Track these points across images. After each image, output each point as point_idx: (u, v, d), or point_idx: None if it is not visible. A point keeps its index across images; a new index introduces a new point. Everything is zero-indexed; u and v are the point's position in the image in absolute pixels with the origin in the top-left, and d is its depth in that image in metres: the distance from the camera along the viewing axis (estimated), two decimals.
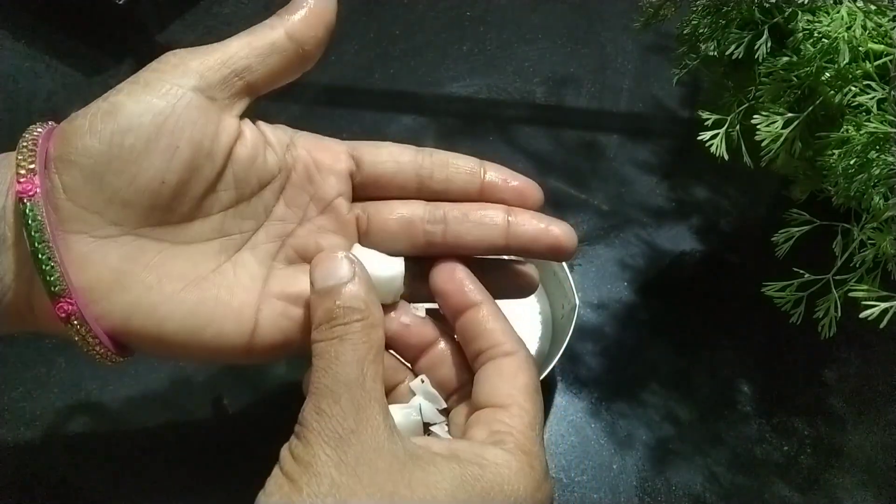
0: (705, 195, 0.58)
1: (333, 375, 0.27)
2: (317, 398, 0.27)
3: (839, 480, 0.46)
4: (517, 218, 0.34)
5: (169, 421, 0.45)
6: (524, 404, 0.29)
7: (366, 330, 0.28)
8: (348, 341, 0.28)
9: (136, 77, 0.30)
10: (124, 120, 0.28)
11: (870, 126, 0.36)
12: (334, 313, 0.28)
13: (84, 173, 0.27)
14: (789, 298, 0.40)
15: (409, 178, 0.34)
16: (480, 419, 0.29)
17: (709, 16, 0.45)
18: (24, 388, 0.45)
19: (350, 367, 0.27)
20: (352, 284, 0.29)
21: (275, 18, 0.31)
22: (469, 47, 0.65)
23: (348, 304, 0.28)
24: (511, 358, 0.31)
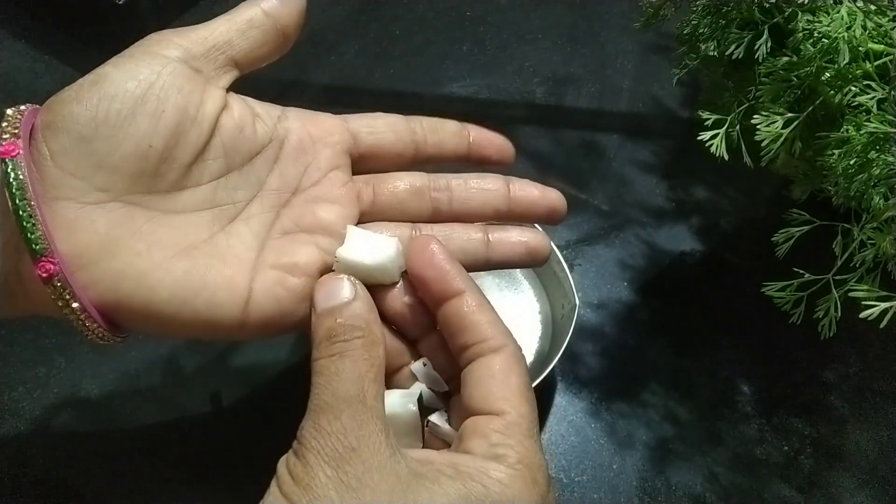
0: (705, 195, 0.58)
1: (333, 392, 0.27)
2: (316, 415, 0.27)
3: (839, 480, 0.46)
4: (516, 185, 0.36)
5: (169, 421, 0.45)
6: (520, 408, 0.28)
7: (366, 347, 0.28)
8: (348, 357, 0.28)
9: (123, 53, 0.30)
10: (111, 87, 0.28)
11: (870, 126, 0.36)
12: (335, 331, 0.28)
13: (71, 139, 0.27)
14: (789, 298, 0.40)
15: (407, 146, 0.35)
16: (477, 429, 0.28)
17: (709, 16, 0.45)
18: (24, 388, 0.45)
19: (350, 384, 0.27)
20: (353, 303, 0.29)
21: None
22: (469, 47, 0.65)
23: (349, 321, 0.28)
24: (500, 355, 0.29)
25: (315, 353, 0.28)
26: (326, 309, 0.29)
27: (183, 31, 0.31)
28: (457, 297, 0.30)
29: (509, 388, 0.29)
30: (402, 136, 0.35)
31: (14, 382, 0.45)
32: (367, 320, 0.29)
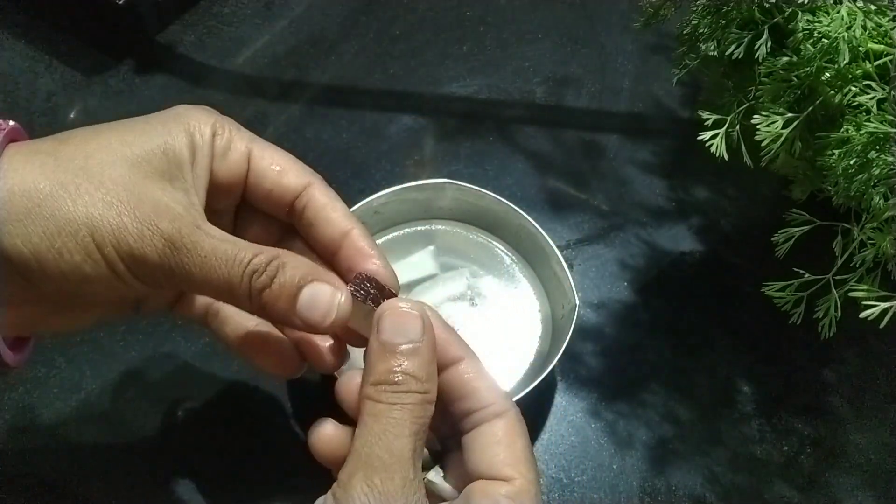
0: (705, 195, 0.58)
1: (387, 447, 0.27)
2: (369, 469, 0.26)
3: (839, 480, 0.46)
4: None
5: (169, 421, 0.45)
6: (527, 474, 0.29)
7: (423, 405, 0.28)
8: (407, 411, 0.28)
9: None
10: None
11: (870, 126, 0.36)
12: (397, 378, 0.28)
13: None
14: (789, 298, 0.40)
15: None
16: (487, 493, 0.28)
17: (709, 16, 0.45)
18: (24, 388, 0.45)
19: (404, 442, 0.27)
20: (420, 349, 0.29)
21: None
22: (469, 47, 0.65)
23: (413, 372, 0.28)
24: (504, 420, 0.30)
25: (371, 390, 0.28)
26: (392, 344, 0.29)
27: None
28: (455, 364, 0.31)
29: (515, 454, 0.29)
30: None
31: (14, 382, 0.45)
32: (429, 373, 0.29)
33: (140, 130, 0.30)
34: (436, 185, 0.49)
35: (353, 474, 0.27)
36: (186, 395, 0.46)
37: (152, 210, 0.28)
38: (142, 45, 0.61)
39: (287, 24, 0.64)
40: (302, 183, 0.33)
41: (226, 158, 0.32)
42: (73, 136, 0.29)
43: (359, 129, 0.59)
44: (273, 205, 0.33)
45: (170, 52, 0.61)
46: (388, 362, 0.28)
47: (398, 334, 0.29)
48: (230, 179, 0.32)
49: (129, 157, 0.29)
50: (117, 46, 0.61)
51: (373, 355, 0.29)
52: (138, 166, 0.29)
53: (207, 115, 0.32)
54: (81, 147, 0.29)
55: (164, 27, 0.63)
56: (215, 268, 0.28)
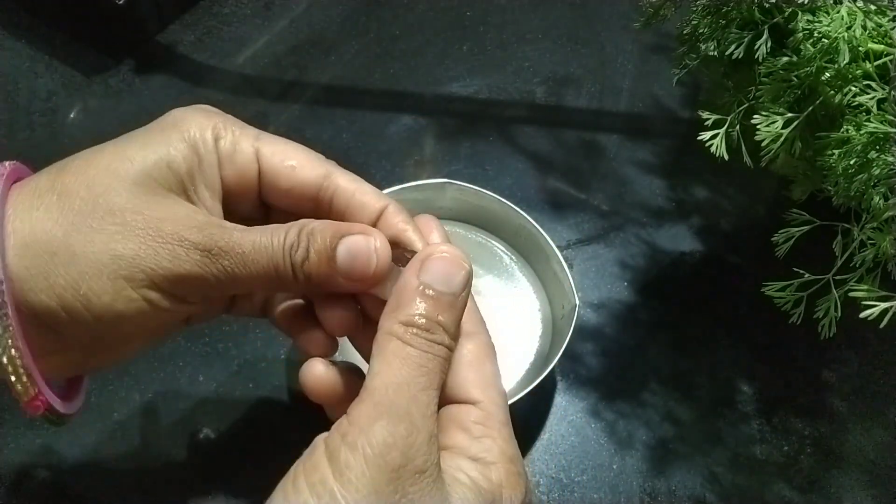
0: (705, 195, 0.58)
1: (414, 398, 0.26)
2: (395, 418, 0.25)
3: (839, 480, 0.46)
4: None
5: (169, 421, 0.45)
6: (496, 398, 0.28)
7: (447, 361, 0.27)
8: (437, 364, 0.27)
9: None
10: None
11: (870, 126, 0.36)
12: (431, 326, 0.27)
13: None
14: (789, 298, 0.40)
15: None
16: (458, 420, 0.28)
17: (709, 16, 0.45)
18: None
19: (430, 395, 0.26)
20: (458, 301, 0.28)
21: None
22: (469, 47, 0.65)
23: (447, 325, 0.27)
24: (474, 342, 0.29)
25: (399, 326, 0.27)
26: (434, 290, 0.27)
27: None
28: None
29: (484, 376, 0.29)
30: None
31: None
32: (457, 332, 0.28)
33: (139, 144, 0.28)
34: (436, 185, 0.49)
35: (374, 419, 0.25)
36: (186, 396, 0.46)
37: (176, 226, 0.27)
38: (142, 45, 0.61)
39: (287, 24, 0.64)
40: (320, 174, 0.31)
41: (233, 162, 0.30)
42: (71, 163, 0.28)
43: (359, 129, 0.59)
44: (294, 202, 0.31)
45: (170, 52, 0.61)
46: (425, 306, 0.27)
47: (442, 282, 0.27)
48: (242, 182, 0.31)
49: (132, 176, 0.27)
50: (117, 46, 0.61)
51: (407, 293, 0.27)
52: (144, 185, 0.27)
53: (206, 117, 0.30)
54: (81, 176, 0.27)
55: (164, 27, 0.63)
56: (257, 260, 0.28)
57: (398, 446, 0.24)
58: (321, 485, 0.24)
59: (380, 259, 0.29)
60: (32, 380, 0.26)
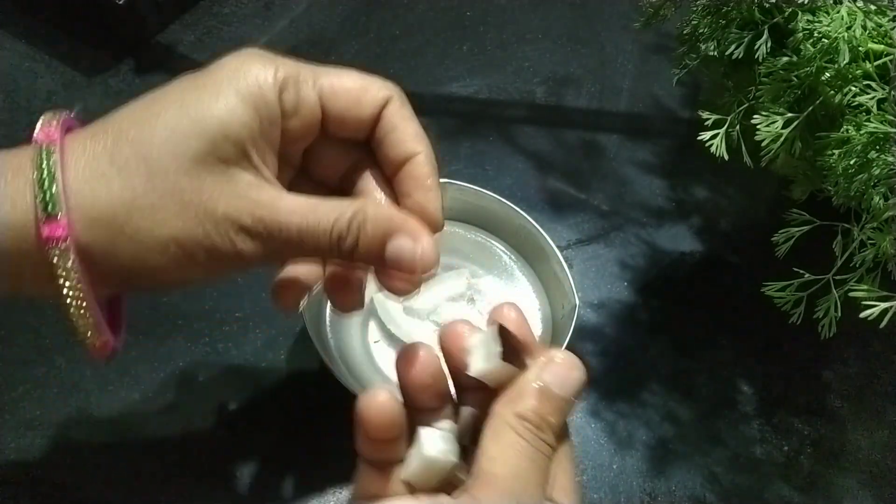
0: (705, 195, 0.58)
1: (532, 494, 0.27)
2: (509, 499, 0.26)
3: (839, 480, 0.46)
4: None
5: (169, 421, 0.45)
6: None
7: (550, 461, 0.28)
8: (543, 459, 0.28)
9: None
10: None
11: (870, 126, 0.36)
12: (543, 424, 0.28)
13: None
14: (789, 298, 0.40)
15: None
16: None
17: (709, 16, 0.45)
18: (24, 388, 0.45)
19: (539, 491, 0.27)
20: (567, 409, 0.29)
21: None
22: (469, 47, 0.65)
23: (555, 427, 0.28)
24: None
25: (514, 418, 0.28)
26: (551, 392, 0.28)
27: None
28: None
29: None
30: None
31: (14, 382, 0.45)
32: (561, 437, 0.29)
33: (197, 114, 0.28)
34: None
35: (498, 501, 0.26)
36: (187, 396, 0.46)
37: (229, 207, 0.28)
38: (142, 45, 0.61)
39: (287, 24, 0.64)
40: (378, 104, 0.31)
41: (297, 113, 0.30)
42: (128, 131, 0.28)
43: None
44: (350, 133, 0.32)
45: (170, 52, 0.61)
46: (540, 404, 0.28)
47: (560, 385, 0.29)
48: (304, 130, 0.31)
49: (191, 154, 0.27)
50: (117, 46, 0.61)
51: (527, 388, 0.28)
52: (203, 162, 0.27)
53: (263, 66, 0.29)
54: (140, 149, 0.27)
55: (164, 27, 0.63)
56: (304, 243, 0.28)
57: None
58: None
59: (423, 263, 0.29)
60: (102, 328, 0.28)
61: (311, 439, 0.45)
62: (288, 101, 0.29)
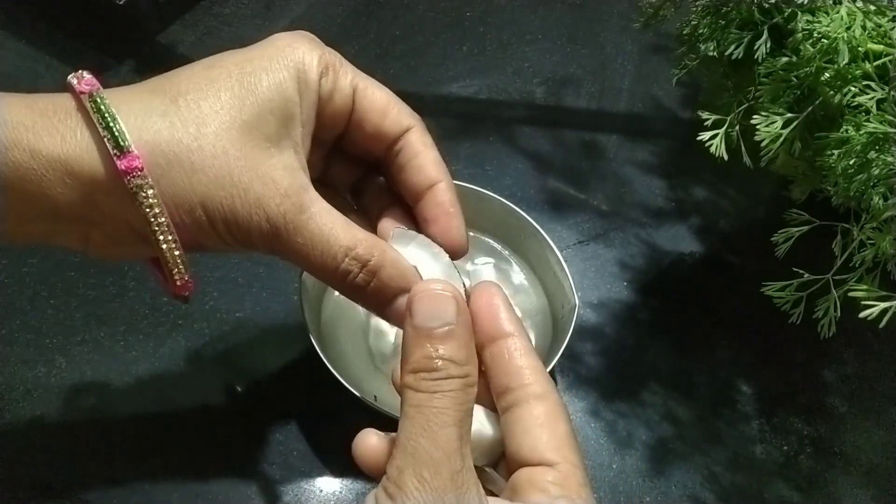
0: (705, 195, 0.58)
1: (433, 439, 0.26)
2: (417, 463, 0.26)
3: (839, 480, 0.46)
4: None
5: (169, 422, 0.45)
6: (571, 458, 0.28)
7: (465, 390, 0.27)
8: (448, 398, 0.27)
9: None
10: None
11: (869, 126, 0.36)
12: (435, 365, 0.27)
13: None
14: (789, 298, 0.40)
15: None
16: (534, 481, 0.28)
17: (708, 16, 0.45)
18: (24, 388, 0.45)
19: (450, 432, 0.26)
20: (455, 332, 0.28)
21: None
22: (469, 47, 0.65)
23: (450, 356, 0.27)
24: (545, 403, 0.29)
25: (410, 378, 0.27)
26: (426, 329, 0.28)
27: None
28: (503, 339, 0.30)
29: (558, 437, 0.29)
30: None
31: (14, 382, 0.45)
32: (468, 355, 0.28)
33: (250, 84, 0.29)
34: None
35: (402, 469, 0.26)
36: (186, 395, 0.46)
37: (259, 191, 0.29)
38: (142, 46, 0.62)
39: (287, 25, 0.64)
40: (402, 127, 0.32)
41: (332, 101, 0.31)
42: (187, 91, 0.29)
43: None
44: (371, 146, 0.33)
45: (170, 53, 0.61)
46: (424, 348, 0.27)
47: (432, 318, 0.28)
48: (334, 121, 0.32)
49: (240, 123, 0.29)
50: (118, 46, 0.61)
51: (408, 342, 0.28)
52: (249, 133, 0.29)
53: (311, 48, 0.31)
54: (195, 109, 0.29)
55: (164, 27, 0.63)
56: (311, 256, 0.29)
57: (426, 488, 0.25)
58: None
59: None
60: (187, 266, 0.29)
61: (311, 439, 0.45)
62: (326, 86, 0.31)
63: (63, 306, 0.48)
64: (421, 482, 0.25)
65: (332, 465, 0.44)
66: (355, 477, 0.44)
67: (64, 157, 0.27)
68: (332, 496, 0.43)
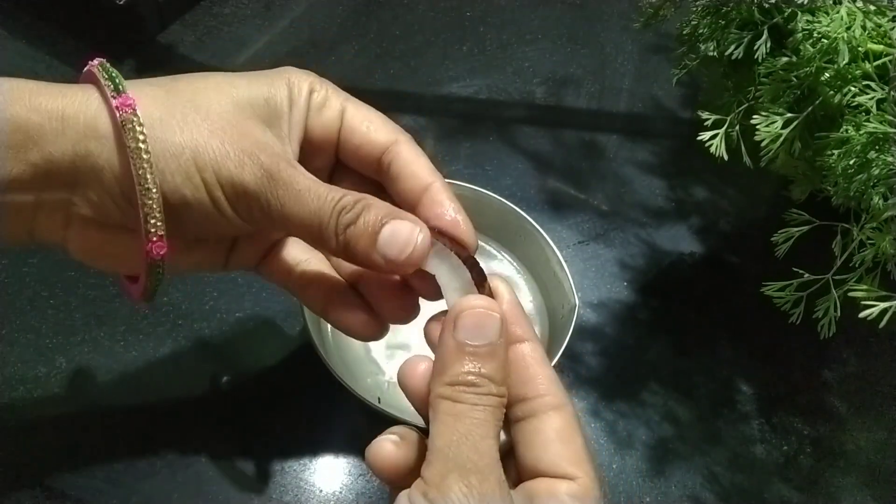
0: (705, 195, 0.58)
1: (476, 448, 0.27)
2: (463, 470, 0.26)
3: (839, 480, 0.46)
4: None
5: (169, 422, 0.45)
6: (590, 473, 0.29)
7: (500, 408, 0.28)
8: (489, 413, 0.28)
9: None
10: None
11: (869, 126, 0.36)
12: (475, 380, 0.28)
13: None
14: (789, 298, 0.40)
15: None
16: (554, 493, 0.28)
17: (708, 16, 0.45)
18: (25, 388, 0.45)
19: (490, 444, 0.27)
20: (498, 351, 0.29)
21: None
22: (469, 47, 0.65)
23: (490, 375, 0.28)
24: (562, 414, 0.29)
25: (447, 388, 0.28)
26: (470, 346, 0.28)
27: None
28: (517, 345, 0.30)
29: (576, 451, 0.29)
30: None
31: (14, 382, 0.45)
32: (505, 376, 0.29)
33: (246, 80, 0.32)
34: None
35: (445, 475, 0.26)
36: (186, 395, 0.46)
37: (253, 143, 0.30)
38: (142, 46, 0.62)
39: (287, 25, 0.64)
40: (390, 139, 0.34)
41: (321, 114, 0.33)
42: (183, 76, 0.31)
43: None
44: (362, 159, 0.34)
45: (170, 53, 0.61)
46: (465, 364, 0.28)
47: (476, 336, 0.28)
48: (325, 134, 0.33)
49: (234, 97, 0.31)
50: (118, 46, 0.61)
51: (448, 353, 0.28)
52: (242, 108, 0.31)
53: (306, 75, 0.33)
54: (191, 83, 0.31)
55: (164, 27, 0.63)
56: (308, 202, 0.30)
57: (474, 495, 0.26)
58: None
59: (416, 250, 0.30)
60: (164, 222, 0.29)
61: (311, 440, 0.45)
62: (315, 100, 0.33)
63: (63, 306, 0.48)
64: (469, 487, 0.26)
65: (332, 465, 0.44)
66: (355, 477, 0.44)
67: (62, 108, 0.28)
68: (332, 496, 0.43)
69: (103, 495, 0.42)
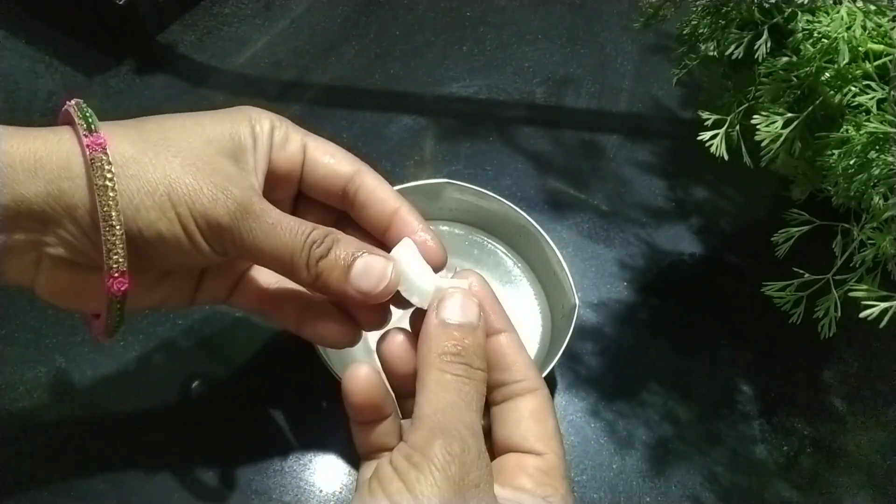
0: (705, 195, 0.58)
1: (460, 419, 0.28)
2: (448, 437, 0.27)
3: (839, 480, 0.46)
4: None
5: (169, 422, 0.45)
6: (557, 450, 0.31)
7: (483, 384, 0.30)
8: (473, 388, 0.30)
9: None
10: None
11: (870, 126, 0.36)
12: (464, 353, 0.30)
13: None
14: (789, 298, 0.40)
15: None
16: (522, 467, 0.31)
17: (708, 16, 0.45)
18: (25, 388, 0.45)
19: (474, 417, 0.29)
20: (478, 330, 0.31)
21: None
22: (469, 47, 0.65)
23: (476, 351, 0.30)
24: (536, 397, 0.32)
25: (436, 357, 0.30)
26: (455, 322, 0.30)
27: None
28: (496, 335, 0.33)
29: (546, 430, 0.31)
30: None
31: (14, 382, 0.45)
32: (484, 356, 0.31)
33: (210, 118, 0.33)
34: (436, 185, 0.49)
35: (430, 440, 0.27)
36: (186, 395, 0.46)
37: (224, 178, 0.31)
38: (142, 46, 0.62)
39: (287, 25, 0.64)
40: (352, 169, 0.35)
41: (284, 149, 0.34)
42: (151, 117, 0.32)
43: (359, 130, 0.59)
44: (326, 190, 0.35)
45: (170, 53, 0.61)
46: (451, 336, 0.30)
47: (459, 315, 0.31)
48: (288, 168, 0.34)
49: (201, 134, 0.32)
50: (118, 46, 0.61)
51: (433, 329, 0.30)
52: (210, 143, 0.32)
53: (266, 113, 0.35)
54: (160, 123, 0.32)
55: (164, 27, 0.63)
56: (279, 235, 0.31)
57: (455, 462, 0.27)
58: (398, 494, 0.27)
59: (390, 284, 0.32)
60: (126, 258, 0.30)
61: (312, 440, 0.45)
62: (277, 138, 0.34)
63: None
64: (452, 455, 0.27)
65: (332, 465, 0.44)
66: (356, 477, 0.44)
67: (34, 150, 0.29)
68: (332, 496, 0.43)
69: (103, 495, 0.42)
